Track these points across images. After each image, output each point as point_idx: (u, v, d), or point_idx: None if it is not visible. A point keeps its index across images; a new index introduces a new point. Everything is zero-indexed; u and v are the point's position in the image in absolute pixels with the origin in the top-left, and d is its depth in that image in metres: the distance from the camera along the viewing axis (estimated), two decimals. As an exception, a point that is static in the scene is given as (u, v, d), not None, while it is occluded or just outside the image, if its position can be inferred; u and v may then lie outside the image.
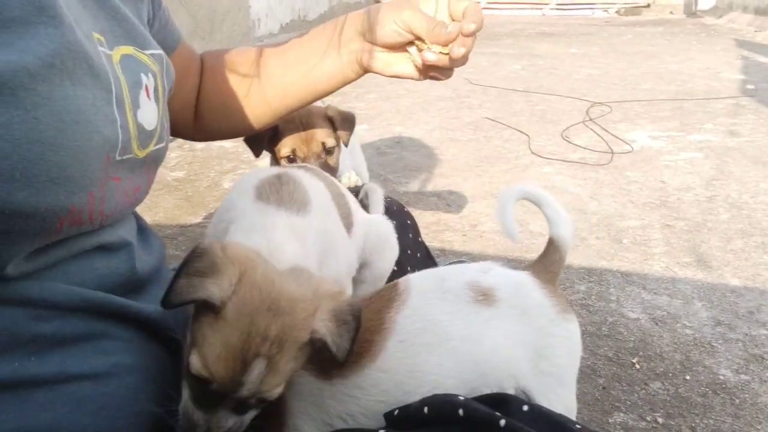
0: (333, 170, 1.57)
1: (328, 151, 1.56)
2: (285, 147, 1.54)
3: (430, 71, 1.05)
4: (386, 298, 0.95)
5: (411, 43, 1.04)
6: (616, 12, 11.31)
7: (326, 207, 1.04)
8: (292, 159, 1.53)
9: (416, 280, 0.97)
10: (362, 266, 1.22)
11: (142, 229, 0.95)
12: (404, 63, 1.08)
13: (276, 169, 1.03)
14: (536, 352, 0.93)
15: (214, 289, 0.73)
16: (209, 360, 0.73)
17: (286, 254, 0.86)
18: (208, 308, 0.74)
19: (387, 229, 1.29)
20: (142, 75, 0.82)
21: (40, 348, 0.71)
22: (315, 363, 0.86)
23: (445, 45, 0.99)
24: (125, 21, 0.82)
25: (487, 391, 0.92)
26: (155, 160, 0.88)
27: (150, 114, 0.83)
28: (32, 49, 0.62)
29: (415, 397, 0.87)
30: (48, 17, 0.64)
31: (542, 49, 7.08)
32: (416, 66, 1.06)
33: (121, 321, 0.79)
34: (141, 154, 0.81)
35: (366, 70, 1.12)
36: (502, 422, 0.72)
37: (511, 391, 0.93)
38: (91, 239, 0.76)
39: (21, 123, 0.60)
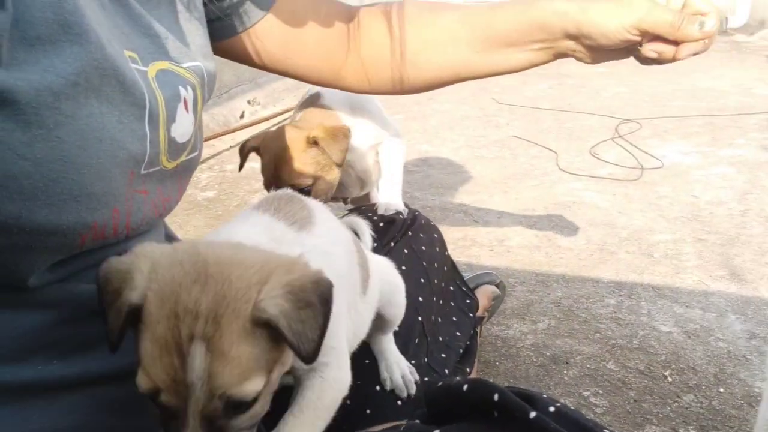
0: (324, 196, 1.43)
1: (304, 190, 1.37)
2: (264, 176, 1.46)
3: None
4: None
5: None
6: (645, 31, 11.20)
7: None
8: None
9: None
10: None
11: (169, 237, 0.97)
12: (618, 53, 1.03)
13: None
14: None
15: (130, 294, 0.62)
16: (148, 367, 0.61)
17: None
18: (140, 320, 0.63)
19: (390, 270, 1.18)
20: (180, 88, 0.82)
21: (62, 351, 0.72)
22: None
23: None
24: (158, 37, 0.83)
25: None
26: (187, 169, 0.88)
27: (185, 127, 0.83)
28: (56, 68, 0.61)
29: None
30: (74, 35, 0.63)
31: (570, 69, 7.02)
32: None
33: None
34: (170, 165, 0.81)
35: None
36: (532, 414, 0.74)
37: None
38: (116, 247, 0.76)
39: (43, 142, 0.60)
